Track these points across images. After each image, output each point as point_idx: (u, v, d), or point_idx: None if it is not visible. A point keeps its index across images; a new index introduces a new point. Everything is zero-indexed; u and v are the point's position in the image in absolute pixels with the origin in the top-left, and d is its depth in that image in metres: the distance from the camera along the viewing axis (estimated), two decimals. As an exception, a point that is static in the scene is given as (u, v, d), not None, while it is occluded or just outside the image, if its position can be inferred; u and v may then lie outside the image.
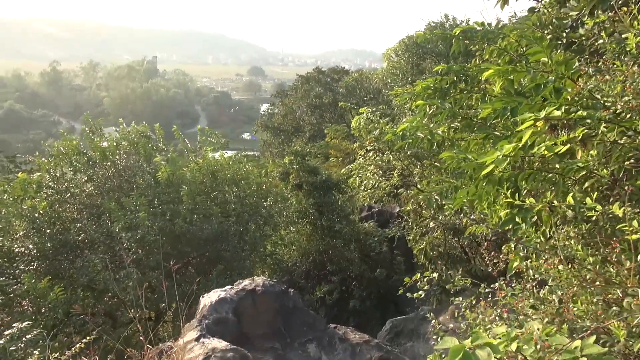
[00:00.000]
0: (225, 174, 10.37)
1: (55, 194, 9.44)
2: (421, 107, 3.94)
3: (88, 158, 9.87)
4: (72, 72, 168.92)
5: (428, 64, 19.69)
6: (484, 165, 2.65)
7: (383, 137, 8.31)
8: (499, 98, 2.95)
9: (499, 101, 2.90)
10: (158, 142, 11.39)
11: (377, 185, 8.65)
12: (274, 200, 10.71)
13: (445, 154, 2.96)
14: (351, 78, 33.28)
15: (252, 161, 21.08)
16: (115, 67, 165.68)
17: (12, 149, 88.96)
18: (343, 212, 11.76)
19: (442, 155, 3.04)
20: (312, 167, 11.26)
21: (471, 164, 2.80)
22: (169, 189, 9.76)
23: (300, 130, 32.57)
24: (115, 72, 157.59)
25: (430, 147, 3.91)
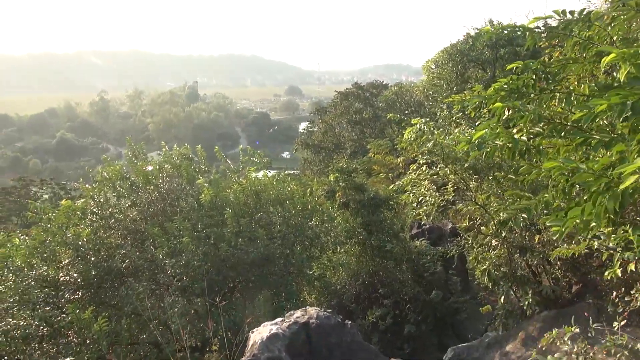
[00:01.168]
0: (269, 194, 10.00)
1: (100, 220, 9.31)
2: (499, 110, 3.36)
3: (131, 183, 9.72)
4: (119, 101, 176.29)
5: (473, 73, 18.92)
6: (608, 176, 2.06)
7: (437, 149, 7.72)
8: (616, 91, 2.35)
9: (616, 95, 2.31)
10: (200, 164, 11.19)
11: (433, 201, 8.01)
12: (320, 220, 10.23)
13: (549, 164, 2.39)
14: (391, 92, 32.70)
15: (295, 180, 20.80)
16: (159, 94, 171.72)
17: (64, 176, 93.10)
18: (393, 230, 11.13)
19: (545, 165, 2.47)
20: (359, 184, 10.73)
21: (586, 175, 2.22)
22: (212, 212, 9.45)
23: (341, 147, 32.14)
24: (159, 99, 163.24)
25: (512, 157, 3.32)
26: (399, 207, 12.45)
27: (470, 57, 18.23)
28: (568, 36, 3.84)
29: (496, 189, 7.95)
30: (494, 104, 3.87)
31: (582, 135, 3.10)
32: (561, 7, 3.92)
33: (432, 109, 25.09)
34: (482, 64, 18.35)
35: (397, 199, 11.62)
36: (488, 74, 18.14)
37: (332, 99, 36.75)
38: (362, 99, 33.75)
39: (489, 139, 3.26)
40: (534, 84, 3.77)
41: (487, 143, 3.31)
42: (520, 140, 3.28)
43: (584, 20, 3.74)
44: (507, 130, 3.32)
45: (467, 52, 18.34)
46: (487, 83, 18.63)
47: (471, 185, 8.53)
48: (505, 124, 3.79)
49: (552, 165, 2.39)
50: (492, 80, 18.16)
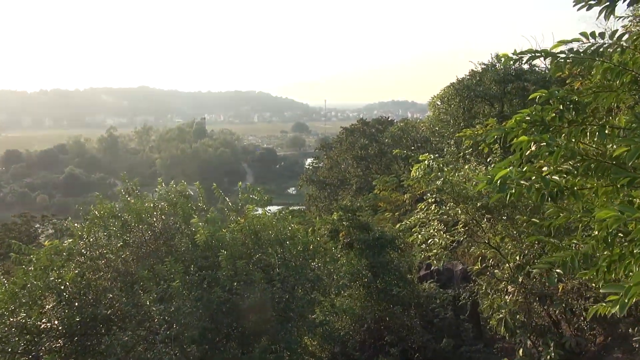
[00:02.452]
0: (268, 233, 9.45)
1: (88, 261, 8.78)
2: (524, 145, 2.86)
3: (124, 221, 9.22)
4: (128, 137, 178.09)
5: (480, 108, 18.57)
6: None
7: (446, 186, 7.20)
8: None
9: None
10: (198, 202, 10.71)
11: (444, 243, 7.43)
12: (323, 261, 9.63)
13: (603, 213, 1.86)
14: (396, 128, 32.45)
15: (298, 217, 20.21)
16: (167, 130, 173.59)
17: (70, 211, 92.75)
18: (399, 272, 10.49)
19: (599, 215, 1.94)
20: (364, 223, 10.17)
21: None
22: (207, 253, 8.91)
23: (347, 183, 31.67)
24: (167, 135, 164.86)
25: (542, 200, 2.79)
26: (406, 247, 11.83)
27: (477, 92, 17.92)
28: (598, 62, 3.37)
29: (511, 230, 7.38)
30: (516, 138, 3.37)
31: (627, 174, 2.58)
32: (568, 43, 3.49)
33: (438, 144, 24.69)
34: (490, 99, 18.02)
35: (404, 238, 11.03)
36: (496, 109, 17.79)
37: (338, 135, 36.57)
38: (367, 134, 33.52)
39: (515, 179, 2.74)
40: (562, 115, 3.28)
41: (511, 183, 2.79)
42: (552, 180, 2.75)
43: (616, 43, 3.28)
44: (534, 168, 2.80)
45: (474, 88, 18.05)
46: (495, 119, 18.26)
47: (483, 225, 7.96)
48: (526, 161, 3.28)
49: (608, 216, 1.88)
50: (499, 115, 17.77)
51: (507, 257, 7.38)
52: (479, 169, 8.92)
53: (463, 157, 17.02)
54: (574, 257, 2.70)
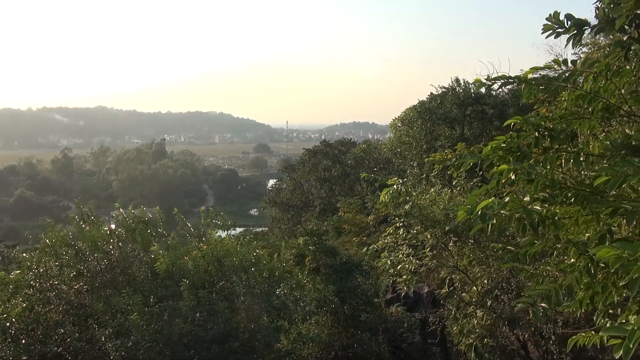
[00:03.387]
0: (232, 260, 9.12)
1: (38, 293, 8.20)
2: (505, 174, 2.78)
3: (77, 250, 8.69)
4: (83, 158, 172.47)
5: (441, 131, 18.91)
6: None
7: (414, 211, 7.14)
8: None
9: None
10: (158, 227, 10.26)
11: (413, 269, 7.33)
12: (289, 287, 9.35)
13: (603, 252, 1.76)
14: (359, 149, 32.72)
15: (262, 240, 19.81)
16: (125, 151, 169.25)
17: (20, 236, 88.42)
18: (366, 296, 10.33)
19: (600, 254, 1.84)
20: (330, 248, 10.00)
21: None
22: (168, 282, 8.49)
23: (310, 205, 31.52)
24: (125, 156, 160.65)
25: (524, 230, 2.71)
26: (372, 270, 11.71)
27: (438, 115, 18.27)
28: (570, 89, 3.36)
29: (478, 253, 7.37)
30: (492, 165, 3.31)
31: (609, 204, 2.52)
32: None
33: (401, 166, 24.98)
34: (451, 122, 18.40)
35: (370, 262, 10.92)
36: (457, 131, 18.17)
37: (301, 156, 36.54)
38: (330, 156, 33.63)
39: (497, 209, 2.65)
40: (537, 142, 3.24)
41: (492, 214, 2.69)
42: (534, 210, 2.67)
43: (585, 70, 3.29)
44: (516, 198, 2.72)
45: (435, 110, 18.40)
46: (456, 141, 18.63)
47: (451, 249, 7.93)
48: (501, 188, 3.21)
49: (609, 255, 1.78)
50: (460, 137, 18.13)
51: (475, 281, 7.36)
52: (444, 192, 8.95)
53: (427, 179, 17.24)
54: (558, 290, 2.61)
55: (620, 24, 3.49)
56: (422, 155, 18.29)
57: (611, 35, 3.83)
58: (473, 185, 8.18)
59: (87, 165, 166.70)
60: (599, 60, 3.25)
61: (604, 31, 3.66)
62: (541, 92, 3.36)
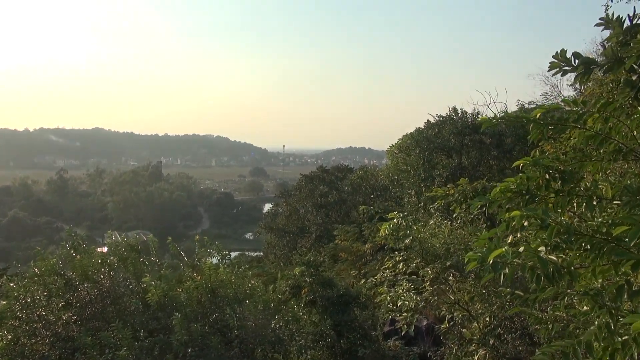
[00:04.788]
0: (226, 291, 8.88)
1: (24, 324, 7.92)
2: (517, 221, 2.64)
3: (67, 279, 8.44)
4: (79, 179, 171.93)
5: (439, 159, 18.88)
6: None
7: (415, 244, 6.99)
8: None
9: None
10: (151, 255, 10.03)
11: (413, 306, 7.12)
12: (284, 320, 9.09)
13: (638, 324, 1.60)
14: (356, 176, 32.66)
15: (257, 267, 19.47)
16: (121, 173, 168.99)
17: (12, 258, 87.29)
18: (364, 329, 10.05)
19: (636, 327, 1.68)
20: (327, 280, 9.77)
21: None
22: (159, 314, 8.23)
23: (306, 231, 31.24)
24: (121, 178, 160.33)
25: (538, 281, 2.55)
26: (370, 302, 11.45)
27: (436, 144, 18.26)
28: (580, 129, 3.26)
29: (480, 289, 7.18)
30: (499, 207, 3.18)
31: (630, 256, 2.38)
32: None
33: (398, 193, 24.86)
34: (448, 151, 18.38)
35: (367, 294, 10.66)
36: (455, 160, 18.13)
37: (298, 182, 36.42)
38: (327, 182, 33.52)
39: (510, 259, 2.50)
40: (548, 185, 3.11)
41: (507, 263, 2.54)
42: (549, 260, 2.53)
43: (599, 111, 3.18)
44: (530, 247, 2.58)
45: (433, 139, 18.40)
46: (454, 170, 18.60)
47: (451, 284, 7.74)
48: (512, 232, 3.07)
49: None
50: (458, 167, 18.09)
51: (477, 318, 7.15)
52: (444, 224, 8.81)
53: (425, 207, 17.09)
54: (576, 347, 2.44)
55: (630, 64, 3.42)
56: (420, 184, 18.20)
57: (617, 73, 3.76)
58: (474, 219, 8.04)
59: (83, 186, 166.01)
60: (610, 101, 3.15)
61: (612, 70, 3.59)
62: (553, 132, 3.26)
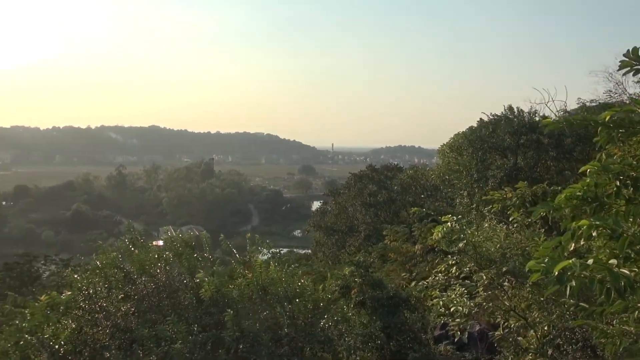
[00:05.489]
0: (277, 289, 8.97)
1: (87, 314, 8.33)
2: (585, 231, 2.50)
3: (125, 272, 8.81)
4: (136, 175, 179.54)
5: (492, 159, 18.30)
6: None
7: (469, 249, 6.80)
8: None
9: None
10: (205, 252, 10.30)
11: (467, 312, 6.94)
12: (333, 320, 9.09)
13: None
14: (406, 175, 32.24)
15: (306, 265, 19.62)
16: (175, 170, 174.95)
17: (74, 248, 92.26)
18: (414, 332, 9.90)
19: None
20: (377, 281, 9.69)
21: None
22: (212, 309, 8.43)
23: (355, 230, 31.17)
24: (175, 174, 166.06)
25: (608, 295, 2.41)
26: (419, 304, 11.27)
27: (490, 143, 17.71)
28: (655, 133, 3.05)
29: (538, 296, 6.90)
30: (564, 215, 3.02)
31: None
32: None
33: (449, 194, 24.32)
34: (503, 151, 17.78)
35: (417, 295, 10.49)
36: (510, 160, 17.53)
37: (347, 181, 36.39)
38: (376, 181, 33.28)
39: (578, 271, 2.37)
40: (619, 192, 2.93)
41: (574, 275, 2.41)
42: (621, 274, 2.38)
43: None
44: (600, 260, 2.43)
45: (487, 139, 17.86)
46: (509, 171, 17.97)
47: (506, 288, 7.48)
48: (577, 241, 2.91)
49: None
50: (514, 167, 17.46)
51: (534, 326, 6.87)
52: (499, 228, 8.51)
53: (477, 209, 16.60)
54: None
55: None
56: (473, 185, 17.72)
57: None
58: (531, 223, 7.73)
59: (140, 182, 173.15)
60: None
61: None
62: (624, 137, 3.07)
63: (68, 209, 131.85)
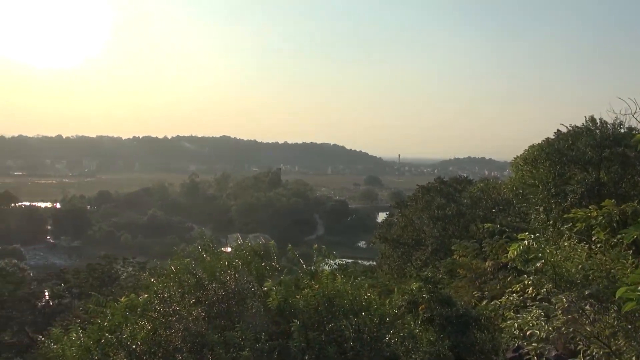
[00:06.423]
0: (343, 301, 8.94)
1: (161, 317, 8.71)
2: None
3: (198, 278, 9.13)
4: (207, 183, 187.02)
5: (571, 173, 17.23)
6: None
7: (547, 268, 6.42)
8: None
9: None
10: (272, 261, 10.48)
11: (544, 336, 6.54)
12: (400, 336, 8.90)
13: None
14: (476, 188, 31.15)
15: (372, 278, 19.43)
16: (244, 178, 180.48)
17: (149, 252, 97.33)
18: (484, 354, 9.48)
19: None
20: (446, 297, 9.40)
21: None
22: (279, 318, 8.54)
23: (422, 244, 30.49)
24: (243, 183, 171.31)
25: None
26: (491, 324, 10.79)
27: (569, 156, 16.72)
28: None
29: (625, 324, 6.38)
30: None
31: None
32: None
33: (523, 209, 23.19)
34: (584, 164, 16.72)
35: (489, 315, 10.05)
36: (592, 175, 16.43)
37: (414, 193, 35.78)
38: (444, 194, 32.44)
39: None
40: None
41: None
42: None
43: None
44: None
45: (566, 152, 16.87)
46: (591, 187, 16.85)
47: (588, 313, 6.98)
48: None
49: None
50: (596, 182, 16.37)
51: (620, 356, 6.35)
52: (579, 247, 7.98)
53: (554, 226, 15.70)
54: None
55: None
56: (550, 200, 16.78)
57: None
58: (617, 243, 7.18)
59: (210, 190, 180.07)
60: None
61: None
62: None
63: (144, 214, 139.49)
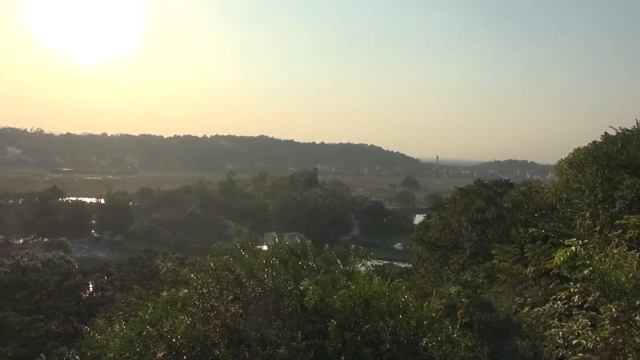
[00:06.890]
0: (380, 303, 8.87)
1: (200, 312, 8.87)
2: None
3: (235, 276, 9.26)
4: (244, 182, 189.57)
5: (624, 178, 16.48)
6: None
7: (595, 276, 6.15)
8: None
9: None
10: (308, 260, 10.50)
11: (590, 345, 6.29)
12: (437, 340, 8.74)
13: None
14: (517, 191, 30.27)
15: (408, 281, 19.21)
16: (281, 178, 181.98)
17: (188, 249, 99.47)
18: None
19: None
20: (486, 302, 9.16)
21: None
22: (315, 318, 8.54)
23: (460, 247, 29.90)
24: (280, 182, 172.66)
25: None
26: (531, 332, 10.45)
27: (619, 160, 16.01)
28: None
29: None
30: None
31: None
32: None
33: (567, 214, 22.38)
34: (635, 169, 15.97)
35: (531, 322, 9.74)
36: (643, 180, 15.68)
37: (452, 195, 35.15)
38: (484, 197, 31.69)
39: None
40: None
41: None
42: None
43: None
44: None
45: (615, 155, 16.17)
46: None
47: (639, 324, 6.66)
48: None
49: None
50: (646, 188, 15.61)
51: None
52: (630, 254, 7.63)
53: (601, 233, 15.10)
54: None
55: None
56: (597, 205, 16.13)
57: None
58: (672, 251, 6.82)
59: (248, 188, 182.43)
60: None
61: None
62: None
63: (184, 211, 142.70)
